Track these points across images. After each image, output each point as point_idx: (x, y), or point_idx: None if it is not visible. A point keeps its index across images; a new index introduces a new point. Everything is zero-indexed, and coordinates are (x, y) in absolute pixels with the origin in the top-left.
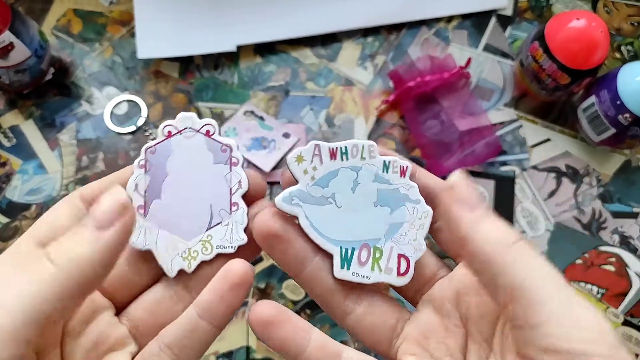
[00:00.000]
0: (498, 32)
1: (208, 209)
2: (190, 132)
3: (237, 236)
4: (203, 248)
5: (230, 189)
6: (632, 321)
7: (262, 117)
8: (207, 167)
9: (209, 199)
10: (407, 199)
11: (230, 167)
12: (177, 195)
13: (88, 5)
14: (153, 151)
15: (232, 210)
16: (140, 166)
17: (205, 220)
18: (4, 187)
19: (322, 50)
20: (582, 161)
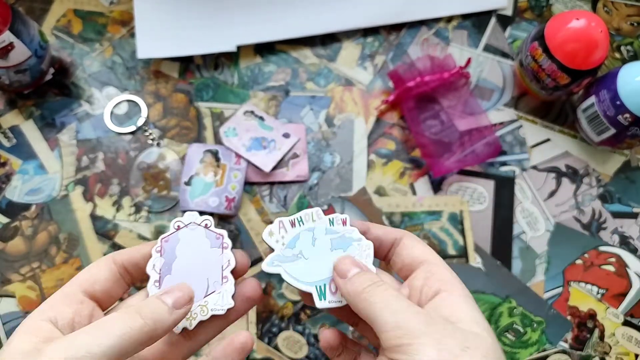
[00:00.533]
0: (498, 32)
1: (205, 281)
2: (194, 226)
3: (227, 301)
4: (201, 311)
5: (222, 266)
6: (632, 321)
7: (262, 117)
8: (205, 250)
9: (206, 274)
10: (352, 239)
11: (222, 250)
12: (183, 272)
13: (88, 5)
14: (167, 240)
15: (223, 282)
16: (157, 251)
17: (203, 290)
18: (4, 187)
19: (322, 50)
20: (582, 161)
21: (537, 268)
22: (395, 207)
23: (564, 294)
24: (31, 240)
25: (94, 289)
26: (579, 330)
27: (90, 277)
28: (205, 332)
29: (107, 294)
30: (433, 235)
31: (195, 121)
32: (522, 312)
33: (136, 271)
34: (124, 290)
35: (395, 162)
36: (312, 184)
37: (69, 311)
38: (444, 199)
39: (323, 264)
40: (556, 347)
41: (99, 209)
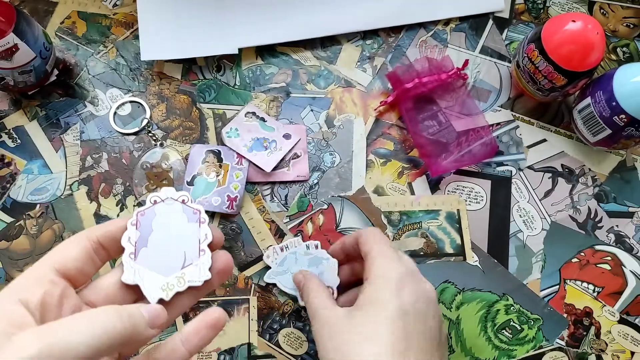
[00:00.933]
0: (495, 34)
1: (182, 254)
2: (171, 201)
3: (204, 273)
4: (178, 282)
5: (199, 239)
6: (628, 319)
7: (264, 118)
8: (182, 224)
9: (183, 247)
10: (322, 259)
11: (200, 224)
12: (159, 245)
13: (92, 7)
14: (143, 214)
15: (200, 254)
16: (132, 224)
17: (180, 262)
18: (8, 187)
19: (322, 52)
20: (577, 161)
21: (533, 266)
22: (394, 206)
23: (560, 292)
24: (36, 239)
25: (66, 268)
26: (575, 327)
27: (62, 255)
28: (181, 303)
29: (80, 271)
30: (431, 234)
31: (197, 122)
32: (518, 309)
33: (112, 246)
34: (98, 267)
35: (394, 162)
36: (312, 184)
37: (39, 292)
38: (442, 198)
39: None
40: (552, 345)
41: (103, 208)
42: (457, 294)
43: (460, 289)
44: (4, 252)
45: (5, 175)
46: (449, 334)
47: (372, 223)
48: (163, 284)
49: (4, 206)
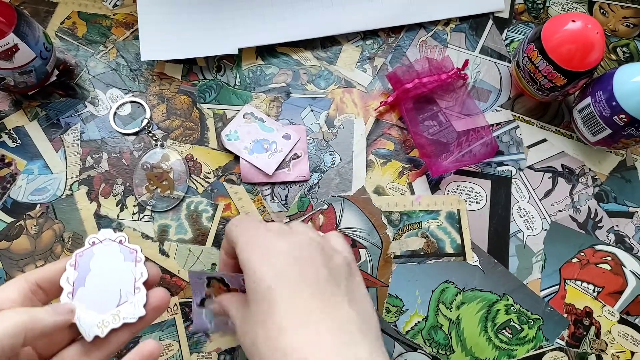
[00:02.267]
0: (495, 34)
1: (118, 292)
2: (108, 242)
3: (139, 310)
4: (113, 319)
5: (134, 278)
6: (628, 319)
7: (262, 118)
8: (119, 264)
9: (119, 285)
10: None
11: (136, 263)
12: (96, 284)
13: (92, 7)
14: (81, 255)
15: (135, 292)
16: (71, 265)
17: (116, 300)
18: (9, 187)
19: (322, 53)
20: (578, 161)
21: (533, 266)
22: (394, 206)
23: (560, 292)
24: (36, 239)
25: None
26: (575, 327)
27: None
28: (117, 339)
29: None
30: (431, 234)
31: (198, 122)
32: (518, 309)
33: (50, 288)
34: None
35: (394, 162)
36: (312, 184)
37: None
38: (442, 198)
39: None
40: (553, 345)
41: (103, 208)
42: (457, 294)
43: (461, 289)
44: (4, 252)
45: (6, 176)
46: (449, 334)
47: (373, 223)
48: (99, 321)
49: (4, 206)
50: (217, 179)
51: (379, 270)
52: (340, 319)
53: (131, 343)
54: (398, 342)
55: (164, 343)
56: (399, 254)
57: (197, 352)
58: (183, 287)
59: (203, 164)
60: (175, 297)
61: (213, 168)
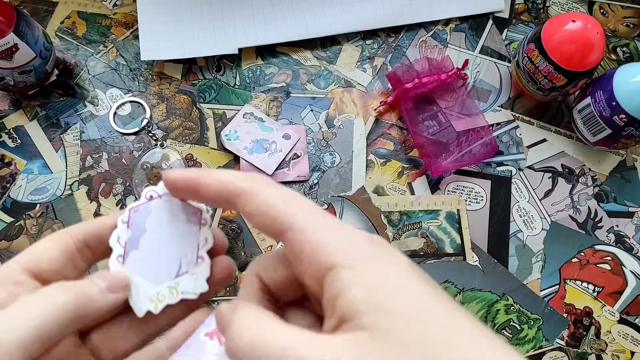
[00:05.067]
0: (495, 34)
1: (178, 260)
2: (168, 197)
3: (201, 285)
4: (170, 293)
5: (198, 244)
6: (627, 319)
7: (262, 118)
8: (180, 225)
9: (179, 251)
10: None
11: (200, 226)
12: (152, 248)
13: (92, 7)
14: (136, 210)
15: (198, 262)
16: (124, 222)
17: (174, 270)
18: (8, 187)
19: (322, 53)
20: (577, 161)
21: (533, 266)
22: (394, 206)
23: (560, 292)
24: (36, 239)
25: (40, 268)
26: (575, 327)
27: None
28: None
29: (58, 274)
30: (431, 234)
31: (197, 122)
32: (518, 309)
33: (98, 246)
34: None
35: (394, 162)
36: (312, 184)
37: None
38: (442, 198)
39: None
40: (553, 345)
41: (103, 208)
42: (457, 294)
43: (460, 289)
44: (4, 252)
45: (5, 175)
46: None
47: (372, 223)
48: (153, 294)
49: (4, 206)
50: None
51: None
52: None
53: None
54: None
55: None
56: None
57: None
58: None
59: (203, 164)
60: None
61: (213, 168)
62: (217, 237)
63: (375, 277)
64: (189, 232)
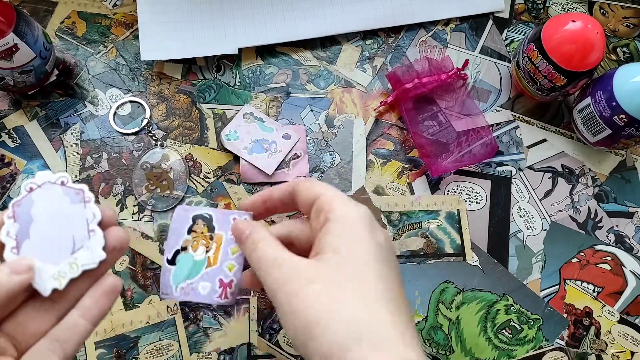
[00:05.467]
0: (495, 34)
1: (71, 238)
2: (48, 185)
3: (98, 254)
4: (70, 268)
5: (86, 220)
6: (628, 319)
7: (262, 118)
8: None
9: (70, 230)
10: None
11: (85, 204)
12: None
13: (92, 7)
14: (19, 204)
15: (90, 236)
16: (9, 217)
17: (70, 247)
18: (8, 187)
19: (322, 53)
20: (577, 161)
21: (533, 266)
22: (394, 206)
23: (560, 292)
24: None
25: None
26: (575, 327)
27: None
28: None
29: None
30: (431, 234)
31: (197, 122)
32: (518, 309)
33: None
34: None
35: (394, 162)
36: None
37: None
38: (442, 198)
39: None
40: (552, 345)
41: None
42: (457, 294)
43: (460, 289)
44: None
45: (5, 175)
46: (449, 334)
47: None
48: (54, 273)
49: (4, 206)
50: (217, 178)
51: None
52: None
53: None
54: None
55: (163, 343)
56: (398, 254)
57: (197, 352)
58: None
59: (203, 164)
60: None
61: (213, 168)
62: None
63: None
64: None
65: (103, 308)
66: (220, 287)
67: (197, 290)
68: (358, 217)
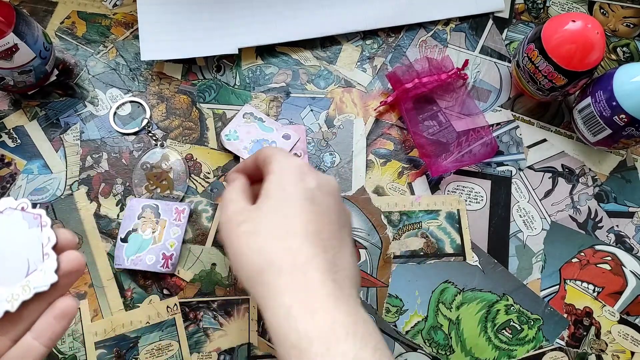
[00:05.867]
0: (495, 34)
1: (25, 261)
2: (10, 211)
3: (50, 277)
4: (23, 291)
5: (42, 244)
6: (628, 319)
7: (262, 118)
8: (23, 232)
9: (25, 254)
10: None
11: (42, 228)
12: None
13: (92, 7)
14: None
15: (44, 259)
16: None
17: (24, 270)
18: (8, 187)
19: (322, 53)
20: (578, 161)
21: (533, 266)
22: (394, 206)
23: (560, 292)
24: None
25: None
26: (575, 327)
27: None
28: (31, 311)
29: None
30: (431, 234)
31: (197, 122)
32: (518, 309)
33: None
34: None
35: (394, 162)
36: None
37: None
38: (442, 198)
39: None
40: (553, 345)
41: (103, 208)
42: (457, 294)
43: (460, 289)
44: None
45: (5, 176)
46: (449, 334)
47: (372, 223)
48: (7, 295)
49: None
50: (217, 178)
51: (379, 270)
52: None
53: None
54: (398, 342)
55: (163, 343)
56: (398, 254)
57: (197, 352)
58: (182, 287)
59: (203, 164)
60: (175, 297)
61: (213, 168)
62: (62, 235)
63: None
64: (31, 235)
65: (56, 331)
66: (163, 259)
67: (144, 261)
68: (290, 166)
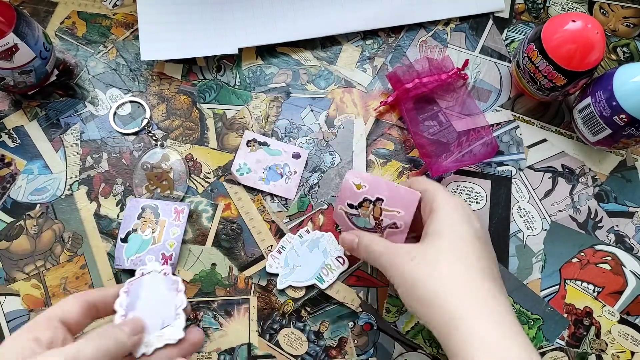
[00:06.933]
0: (495, 34)
1: (162, 317)
2: (155, 273)
3: (178, 333)
4: (157, 340)
5: (175, 305)
6: (628, 319)
7: (266, 142)
8: (163, 292)
9: (162, 311)
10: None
11: (177, 292)
12: (144, 309)
13: (92, 7)
14: (132, 284)
15: (176, 317)
16: (124, 292)
17: (159, 323)
18: (8, 187)
19: (322, 53)
20: (578, 161)
21: (533, 266)
22: None
23: (560, 292)
24: (36, 239)
25: (66, 318)
26: (575, 327)
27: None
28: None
29: (77, 323)
30: None
31: (198, 122)
32: (519, 309)
33: (103, 308)
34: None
35: (394, 162)
36: (312, 184)
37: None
38: None
39: (310, 262)
40: (553, 345)
41: (103, 208)
42: None
43: None
44: (4, 252)
45: (6, 176)
46: None
47: None
48: (146, 341)
49: (4, 206)
50: (217, 178)
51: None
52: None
53: None
54: (398, 342)
55: None
56: None
57: (197, 352)
58: None
59: (203, 164)
60: None
61: (213, 168)
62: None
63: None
64: (169, 297)
65: None
66: (162, 259)
67: (144, 262)
68: (456, 206)
